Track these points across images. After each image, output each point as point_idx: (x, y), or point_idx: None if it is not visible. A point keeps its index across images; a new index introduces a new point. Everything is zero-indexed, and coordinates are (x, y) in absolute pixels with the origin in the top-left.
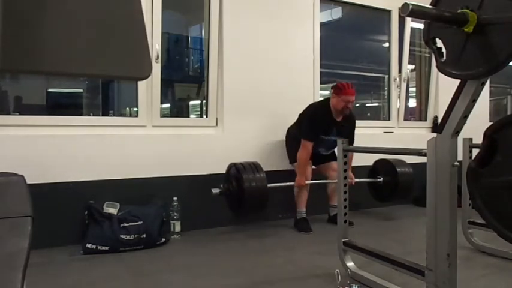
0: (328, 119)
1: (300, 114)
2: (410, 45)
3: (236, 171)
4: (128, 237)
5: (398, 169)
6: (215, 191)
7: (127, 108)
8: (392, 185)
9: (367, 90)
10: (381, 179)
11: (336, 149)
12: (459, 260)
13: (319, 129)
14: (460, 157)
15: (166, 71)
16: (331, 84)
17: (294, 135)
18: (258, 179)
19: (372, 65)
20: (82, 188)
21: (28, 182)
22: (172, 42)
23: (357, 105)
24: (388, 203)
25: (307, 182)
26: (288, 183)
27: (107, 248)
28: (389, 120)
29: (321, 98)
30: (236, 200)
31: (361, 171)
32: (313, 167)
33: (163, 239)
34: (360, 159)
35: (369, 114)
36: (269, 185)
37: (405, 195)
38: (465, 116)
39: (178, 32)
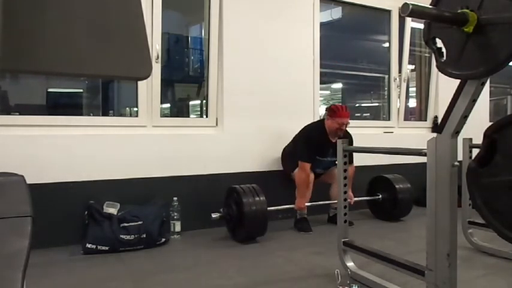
0: (324, 140)
1: (295, 135)
2: (410, 45)
3: (236, 195)
4: (128, 237)
5: (396, 185)
6: (215, 215)
7: (127, 108)
8: (391, 201)
9: (367, 90)
10: (380, 196)
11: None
12: (459, 260)
13: (315, 150)
14: (460, 157)
15: (166, 71)
16: (331, 85)
17: (290, 153)
18: (257, 203)
19: (372, 65)
20: (82, 188)
21: (28, 182)
22: (172, 42)
23: (357, 105)
24: (389, 220)
25: (307, 204)
26: (287, 206)
27: (107, 248)
28: (389, 120)
29: (318, 119)
30: (236, 223)
31: (361, 170)
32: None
33: (163, 239)
34: (360, 160)
35: (369, 114)
36: (269, 208)
37: (406, 211)
38: (465, 116)
39: (178, 32)
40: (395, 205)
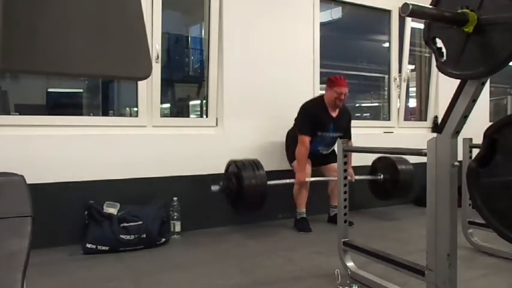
0: (324, 114)
1: (296, 115)
2: (410, 45)
3: (236, 168)
4: (128, 237)
5: (398, 166)
6: (214, 188)
7: (127, 108)
8: (392, 182)
9: (367, 90)
10: (381, 176)
11: (336, 149)
12: (459, 260)
13: (315, 123)
14: (460, 157)
15: (166, 71)
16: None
17: (292, 137)
18: (257, 176)
19: (372, 65)
20: (82, 188)
21: (28, 182)
22: (172, 42)
23: (357, 105)
24: (389, 201)
25: (307, 179)
26: (288, 180)
27: (107, 248)
28: (389, 120)
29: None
30: (236, 197)
31: (361, 170)
32: (313, 168)
33: (163, 239)
34: (360, 160)
35: (369, 114)
36: (269, 182)
37: (406, 192)
38: (465, 116)
39: (178, 32)
40: (396, 185)
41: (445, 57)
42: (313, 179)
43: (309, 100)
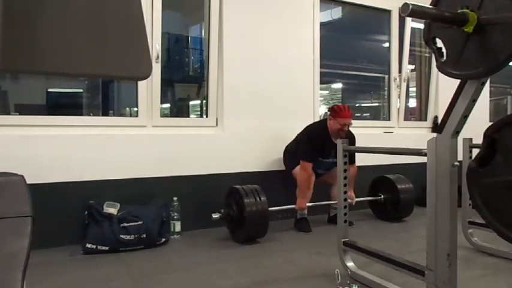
0: (326, 140)
1: (297, 135)
2: (410, 45)
3: (238, 196)
4: (128, 237)
5: (398, 186)
6: (215, 216)
7: (127, 108)
8: (393, 202)
9: (367, 90)
10: (382, 196)
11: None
12: (459, 260)
13: (317, 150)
14: (460, 157)
15: (166, 71)
16: (331, 84)
17: (292, 151)
18: (258, 204)
19: (372, 65)
20: (82, 188)
21: (28, 182)
22: (172, 42)
23: (357, 105)
24: (390, 221)
25: (308, 204)
26: (288, 206)
27: (107, 248)
28: (389, 120)
29: (319, 119)
30: (237, 224)
31: (360, 171)
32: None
33: (163, 239)
34: (360, 159)
35: (369, 114)
36: (270, 209)
37: (407, 212)
38: (465, 116)
39: (178, 32)
40: (397, 206)
41: (445, 57)
42: (312, 204)
43: (313, 125)
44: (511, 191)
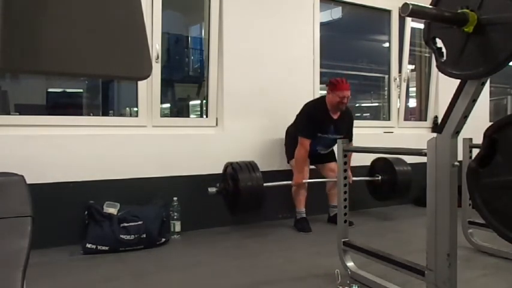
0: (325, 116)
1: (297, 114)
2: (410, 45)
3: (232, 170)
4: (128, 237)
5: (396, 167)
6: (211, 190)
7: (127, 108)
8: (391, 183)
9: (367, 90)
10: (380, 177)
11: (335, 148)
12: (459, 260)
13: (316, 126)
14: (460, 157)
15: (166, 71)
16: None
17: (292, 134)
18: (254, 179)
19: (372, 65)
20: (82, 188)
21: (28, 182)
22: (172, 42)
23: (357, 105)
24: (387, 202)
25: (305, 180)
26: (285, 182)
27: (107, 248)
28: (389, 120)
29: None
30: (233, 199)
31: (360, 171)
32: (312, 166)
33: (163, 239)
34: (360, 159)
35: (369, 114)
36: (265, 184)
37: (404, 194)
38: (465, 116)
39: (178, 32)
40: (395, 187)
41: (445, 57)
42: (310, 180)
43: (311, 101)
44: (511, 191)
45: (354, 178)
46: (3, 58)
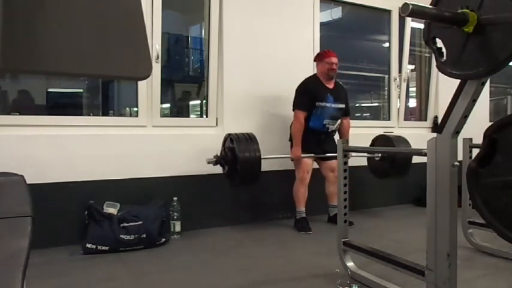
0: (319, 86)
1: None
2: (410, 45)
3: (230, 141)
4: (128, 237)
5: (397, 145)
6: (210, 159)
7: (127, 108)
8: (389, 160)
9: (367, 90)
10: (379, 154)
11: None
12: (459, 260)
13: (311, 95)
14: (460, 157)
15: (166, 71)
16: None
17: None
18: (251, 150)
19: (372, 65)
20: (82, 188)
21: (28, 182)
22: (172, 42)
23: (357, 105)
24: (386, 179)
25: (303, 155)
26: (283, 156)
27: (107, 248)
28: (389, 120)
29: None
30: (230, 169)
31: (361, 170)
32: (316, 166)
33: (163, 239)
34: (360, 159)
35: (369, 114)
36: (263, 157)
37: (404, 171)
38: (465, 116)
39: (178, 32)
40: (393, 164)
41: (445, 57)
42: (308, 155)
43: (303, 80)
44: (511, 191)
45: (354, 155)
46: (3, 58)
